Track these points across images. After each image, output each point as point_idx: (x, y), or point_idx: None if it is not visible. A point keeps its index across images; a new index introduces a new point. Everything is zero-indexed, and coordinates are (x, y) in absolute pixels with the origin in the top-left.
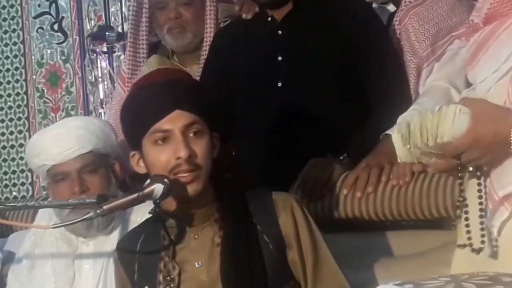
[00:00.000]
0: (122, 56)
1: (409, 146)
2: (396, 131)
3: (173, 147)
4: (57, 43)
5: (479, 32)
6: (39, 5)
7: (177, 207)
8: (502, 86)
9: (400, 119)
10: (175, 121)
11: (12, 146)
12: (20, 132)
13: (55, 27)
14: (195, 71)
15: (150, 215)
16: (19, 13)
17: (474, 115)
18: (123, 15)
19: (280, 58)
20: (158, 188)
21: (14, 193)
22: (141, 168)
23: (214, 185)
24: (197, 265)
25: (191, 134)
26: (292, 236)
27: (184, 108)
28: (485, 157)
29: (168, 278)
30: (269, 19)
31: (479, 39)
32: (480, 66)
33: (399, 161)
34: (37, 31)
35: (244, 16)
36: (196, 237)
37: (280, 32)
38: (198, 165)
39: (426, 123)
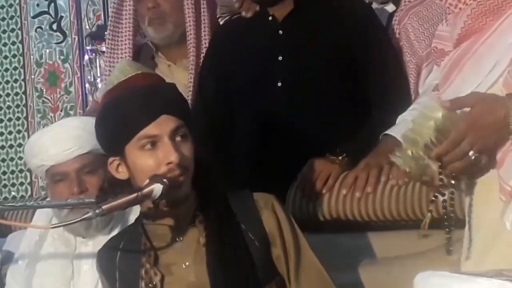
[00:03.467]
0: None
1: (411, 152)
2: (397, 161)
3: (163, 152)
4: (56, 43)
5: (452, 53)
6: (38, 5)
7: (165, 210)
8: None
9: (399, 119)
10: (162, 126)
11: (11, 146)
12: (19, 132)
13: (54, 26)
14: (185, 65)
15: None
16: (18, 13)
17: (471, 99)
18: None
19: (280, 58)
20: (157, 188)
21: (13, 193)
22: (121, 174)
23: (195, 186)
24: (184, 267)
25: (178, 138)
26: (275, 233)
27: (170, 112)
28: (484, 139)
29: (150, 285)
30: (270, 18)
31: (453, 57)
32: (455, 85)
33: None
34: (36, 31)
35: (244, 14)
36: (181, 238)
37: (281, 32)
38: (187, 168)
39: (415, 128)
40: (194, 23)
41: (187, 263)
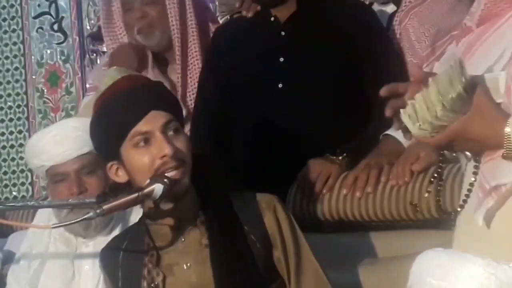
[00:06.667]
0: None
1: (419, 124)
2: (403, 112)
3: (156, 146)
4: (57, 43)
5: (469, 35)
6: (39, 5)
7: (165, 210)
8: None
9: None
10: (152, 121)
11: (12, 146)
12: (20, 132)
13: (55, 27)
14: (177, 70)
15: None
16: (19, 13)
17: (473, 108)
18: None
19: (281, 59)
20: (157, 188)
21: (14, 193)
22: (120, 178)
23: (197, 186)
24: (185, 267)
25: (171, 132)
26: (276, 235)
27: (158, 108)
28: (470, 147)
29: (152, 285)
30: (272, 19)
31: (467, 41)
32: (467, 69)
33: (413, 136)
34: (37, 31)
35: (244, 13)
36: (183, 239)
37: (283, 33)
38: (184, 160)
39: (429, 95)
40: (179, 30)
41: (188, 264)
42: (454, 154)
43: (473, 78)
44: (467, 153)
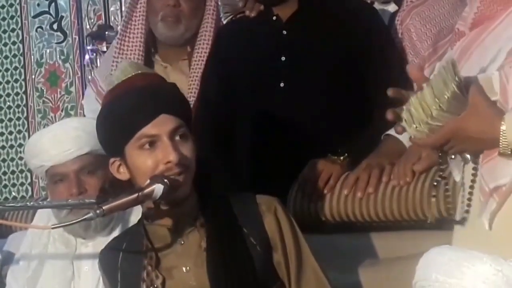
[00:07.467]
0: None
1: (415, 126)
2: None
3: (162, 151)
4: (56, 43)
5: (463, 38)
6: (38, 5)
7: (164, 210)
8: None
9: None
10: (161, 125)
11: (12, 146)
12: (19, 132)
13: (55, 26)
14: (181, 67)
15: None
16: (19, 13)
17: (469, 107)
18: (123, 15)
19: (283, 59)
20: (157, 188)
21: (14, 194)
22: (122, 175)
23: (197, 189)
24: (185, 270)
25: (178, 138)
26: (276, 238)
27: (169, 112)
28: (466, 146)
29: (151, 287)
30: (274, 18)
31: (462, 44)
32: (463, 73)
33: (413, 137)
34: (36, 31)
35: (247, 13)
36: (182, 242)
37: (285, 32)
38: (187, 166)
39: (424, 97)
40: (212, 29)
41: (188, 267)
42: (453, 157)
43: (466, 79)
44: (467, 155)
